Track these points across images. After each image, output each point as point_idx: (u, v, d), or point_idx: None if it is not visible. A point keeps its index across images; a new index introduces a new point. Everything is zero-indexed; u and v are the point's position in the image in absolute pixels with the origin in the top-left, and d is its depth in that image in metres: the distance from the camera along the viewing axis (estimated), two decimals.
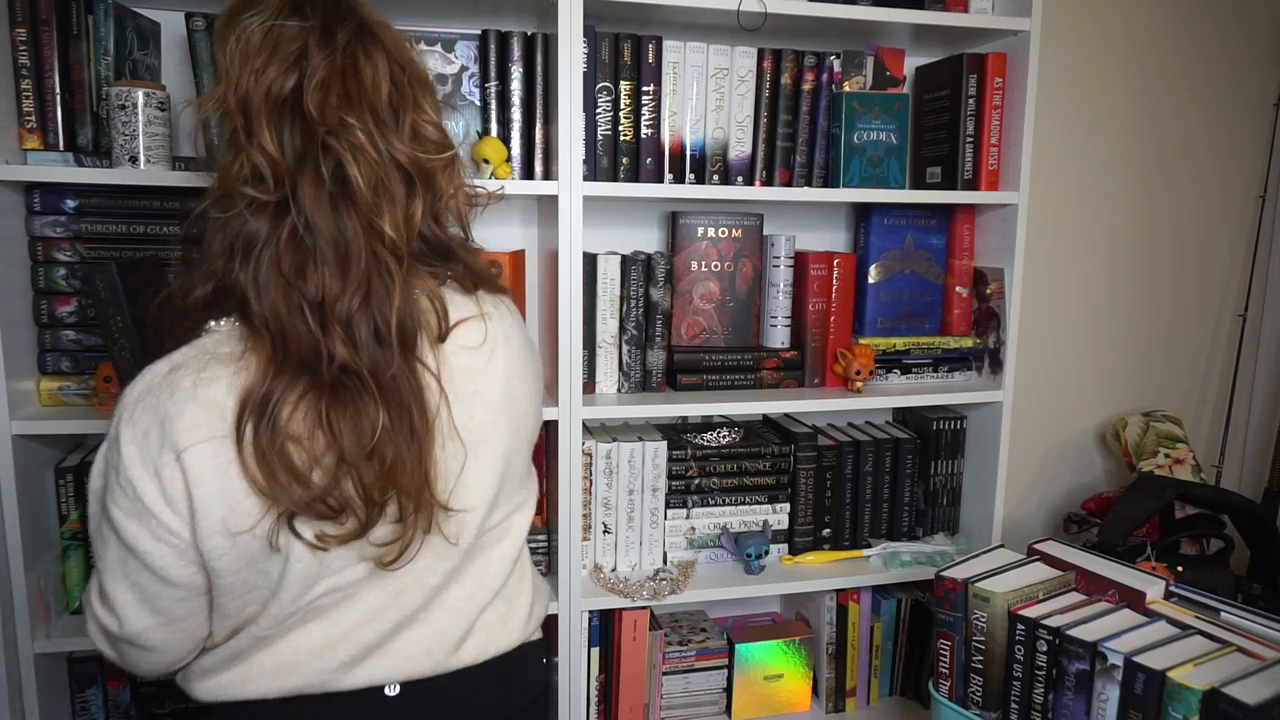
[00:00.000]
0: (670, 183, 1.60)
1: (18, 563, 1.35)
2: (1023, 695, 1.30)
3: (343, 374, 0.77)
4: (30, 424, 1.36)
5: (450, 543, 0.86)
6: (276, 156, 0.78)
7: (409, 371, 0.81)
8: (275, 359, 0.77)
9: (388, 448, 0.78)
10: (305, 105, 0.78)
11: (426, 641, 0.88)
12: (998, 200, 1.68)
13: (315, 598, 0.83)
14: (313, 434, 0.77)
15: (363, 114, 0.80)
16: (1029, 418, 2.07)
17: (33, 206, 1.40)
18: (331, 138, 0.78)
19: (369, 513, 0.79)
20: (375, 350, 0.78)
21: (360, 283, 0.78)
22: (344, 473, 0.78)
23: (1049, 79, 1.95)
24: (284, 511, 0.77)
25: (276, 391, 0.76)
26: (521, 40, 1.51)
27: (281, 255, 0.77)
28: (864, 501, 1.78)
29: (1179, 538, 1.79)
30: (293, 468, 0.76)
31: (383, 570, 0.83)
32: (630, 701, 1.68)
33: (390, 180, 0.81)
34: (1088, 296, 2.13)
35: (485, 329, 0.88)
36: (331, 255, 0.77)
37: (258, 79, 0.78)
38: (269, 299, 0.77)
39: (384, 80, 0.82)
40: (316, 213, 0.77)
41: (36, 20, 1.34)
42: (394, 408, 0.79)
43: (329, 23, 0.80)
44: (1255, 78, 2.16)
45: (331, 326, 0.77)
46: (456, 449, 0.85)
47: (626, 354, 1.61)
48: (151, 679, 0.93)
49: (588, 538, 1.63)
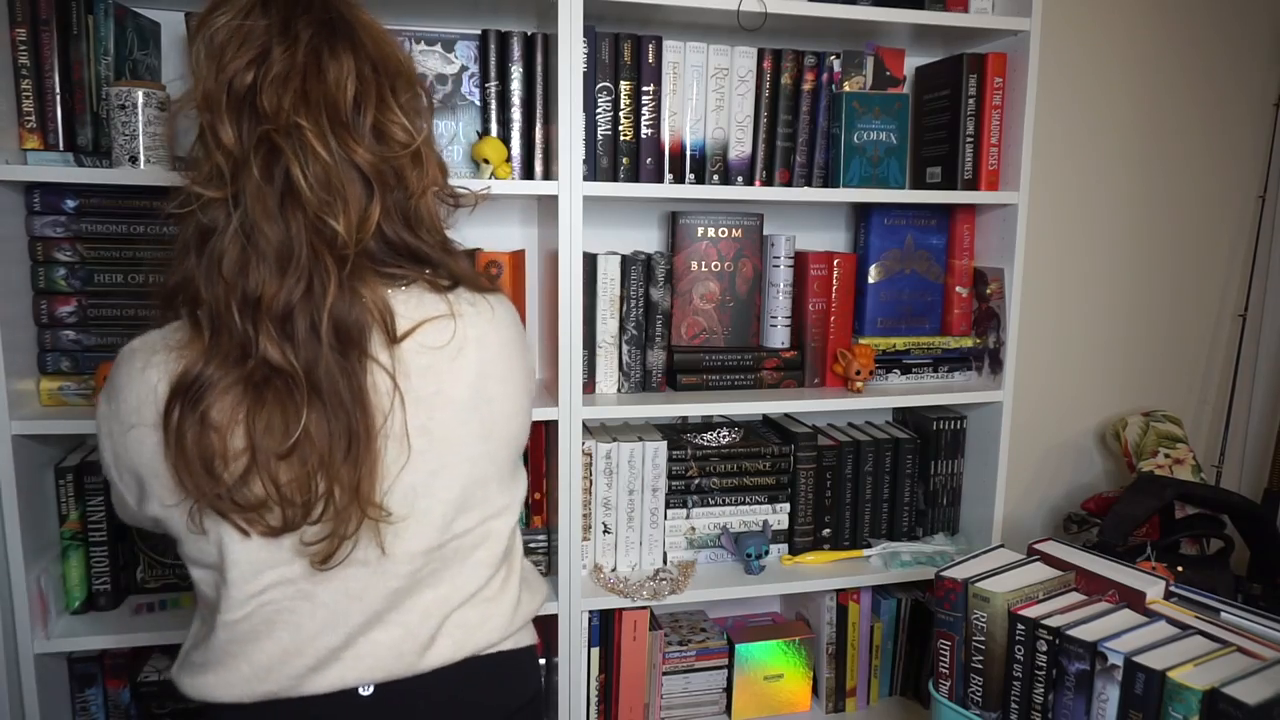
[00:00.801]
0: (670, 183, 1.60)
1: (18, 563, 1.35)
2: (1023, 695, 1.30)
3: (272, 371, 0.78)
4: (30, 424, 1.36)
5: (405, 547, 0.85)
6: (234, 151, 0.79)
7: (351, 371, 0.80)
8: (208, 350, 0.79)
9: (309, 448, 0.78)
10: (259, 102, 0.78)
11: (396, 644, 0.88)
12: (998, 200, 1.68)
13: (267, 587, 0.84)
14: (233, 428, 0.78)
15: (318, 115, 0.80)
16: (1029, 418, 2.07)
17: (33, 206, 1.40)
18: (280, 137, 0.78)
19: (286, 513, 0.80)
20: (312, 347, 0.78)
21: (298, 280, 0.78)
22: (254, 472, 0.78)
23: (1049, 79, 1.95)
24: (198, 500, 0.80)
25: (204, 379, 0.78)
26: (521, 40, 1.51)
27: (226, 251, 0.78)
28: (864, 501, 1.78)
29: (1179, 538, 1.79)
30: (208, 462, 0.78)
31: (319, 568, 0.83)
32: (630, 701, 1.68)
33: (344, 182, 0.80)
34: (1088, 296, 2.13)
35: (454, 328, 0.86)
36: (271, 253, 0.78)
37: (219, 75, 0.79)
38: (213, 292, 0.78)
39: (349, 80, 0.82)
40: (259, 211, 0.78)
41: (36, 20, 1.34)
42: (329, 408, 0.79)
43: (291, 20, 0.81)
44: (1255, 78, 2.16)
45: (263, 324, 0.77)
46: (404, 450, 0.84)
47: (626, 354, 1.61)
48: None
49: (588, 538, 1.63)
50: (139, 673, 1.56)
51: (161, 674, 1.56)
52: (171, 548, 1.54)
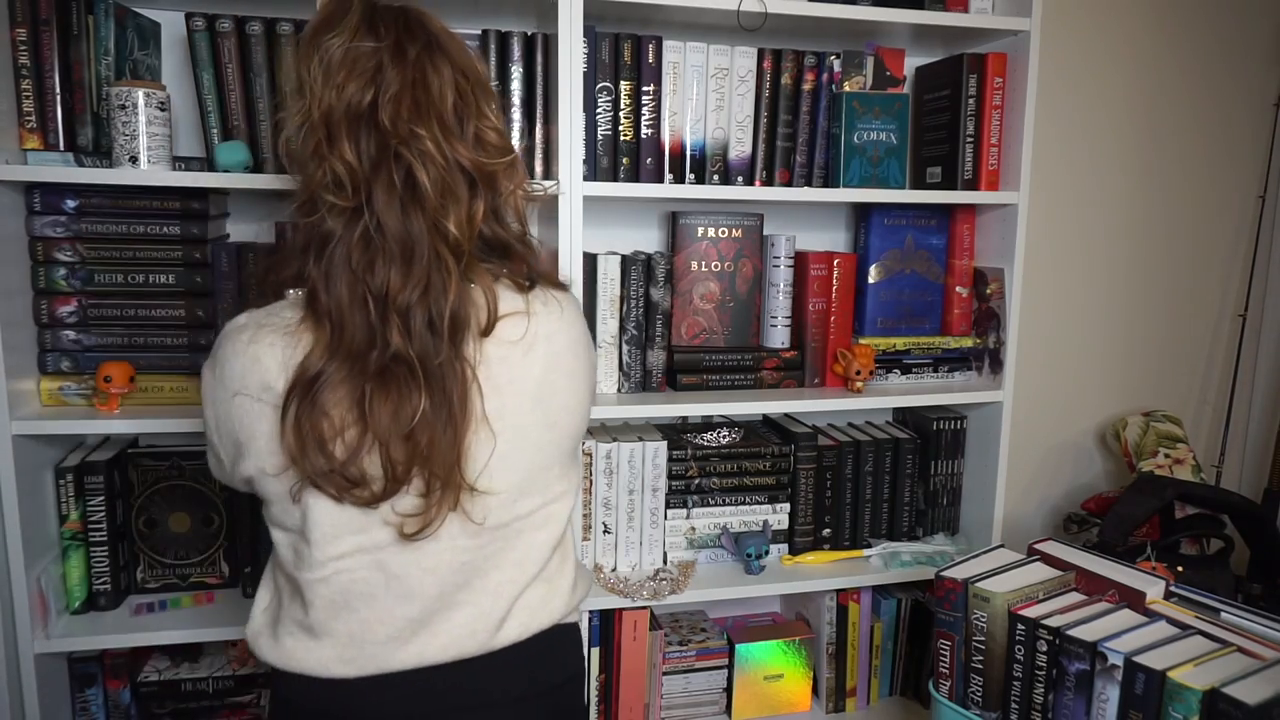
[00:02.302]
0: (670, 183, 1.60)
1: (18, 563, 1.35)
2: (1023, 695, 1.30)
3: (393, 362, 0.85)
4: (30, 424, 1.36)
5: (475, 522, 0.92)
6: (355, 165, 0.86)
7: (454, 360, 0.87)
8: (331, 345, 0.85)
9: (424, 432, 0.85)
10: (379, 118, 0.86)
11: (471, 623, 0.94)
12: (998, 200, 1.68)
13: (345, 554, 0.90)
14: (346, 414, 0.85)
15: (430, 124, 0.87)
16: (1029, 418, 2.07)
17: (33, 206, 1.39)
18: (403, 147, 0.86)
19: (387, 486, 0.86)
20: (428, 340, 0.86)
21: (421, 278, 0.86)
22: (368, 448, 0.85)
23: (1049, 79, 1.95)
24: (306, 475, 0.86)
25: (326, 374, 0.84)
26: (521, 40, 1.52)
27: (353, 252, 0.86)
28: (864, 501, 1.78)
29: (1179, 538, 1.79)
30: (321, 441, 0.84)
31: (406, 541, 0.89)
32: (630, 701, 1.68)
33: (455, 183, 0.88)
34: (1088, 296, 2.13)
35: (527, 324, 0.93)
36: (398, 253, 0.86)
37: (339, 94, 0.86)
38: (335, 291, 0.85)
39: (449, 90, 0.90)
40: (388, 214, 0.85)
41: (36, 20, 1.34)
42: (436, 394, 0.86)
43: (401, 41, 0.89)
44: (1255, 78, 2.16)
45: (390, 317, 0.85)
46: (486, 435, 0.91)
47: (626, 354, 1.61)
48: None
49: (588, 538, 1.63)
50: (139, 673, 1.56)
51: (162, 674, 1.56)
52: (171, 548, 1.55)
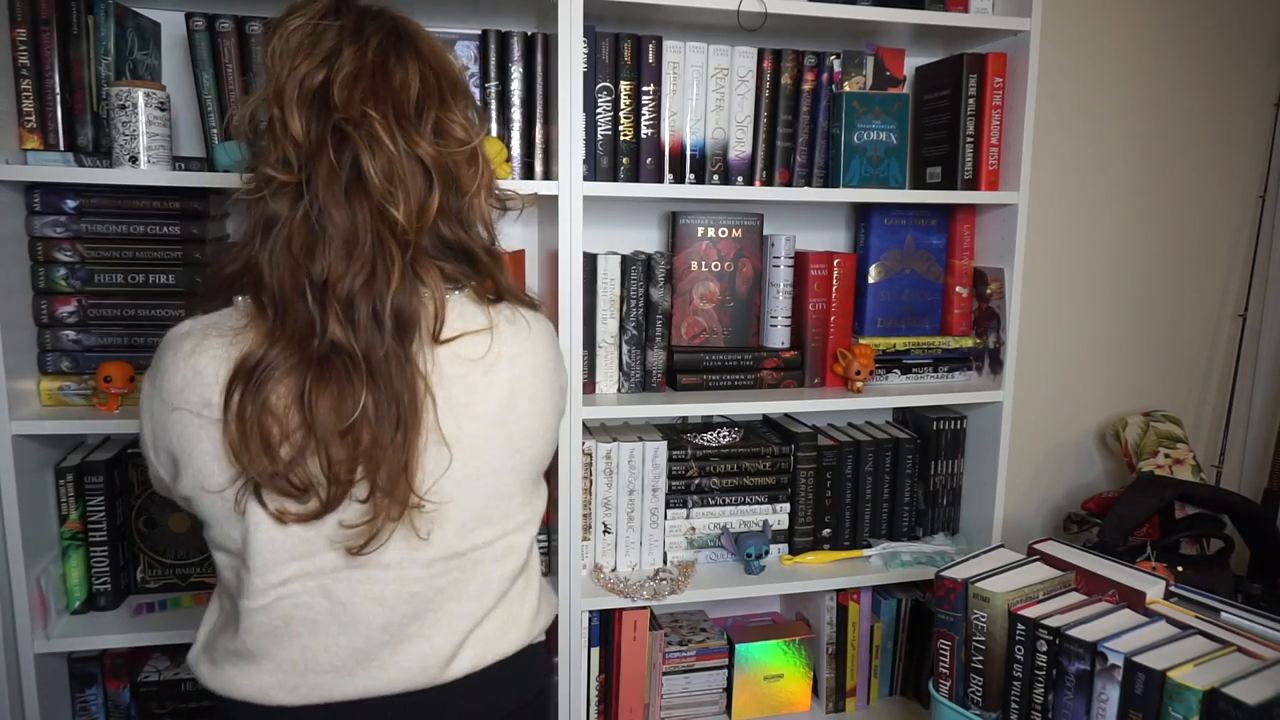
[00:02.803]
0: (670, 183, 1.60)
1: (18, 563, 1.35)
2: (1023, 695, 1.30)
3: (334, 351, 0.81)
4: (30, 424, 1.36)
5: (420, 537, 0.87)
6: (301, 141, 0.82)
7: (403, 359, 0.83)
8: (273, 333, 0.81)
9: (365, 429, 0.81)
10: (331, 96, 0.83)
11: (422, 658, 0.89)
12: (998, 200, 1.68)
13: (288, 579, 0.85)
14: (289, 409, 0.81)
15: (385, 108, 0.84)
16: (1029, 418, 2.07)
17: (33, 206, 1.39)
18: (350, 126, 0.82)
19: (331, 492, 0.82)
20: (372, 332, 0.81)
21: (363, 265, 0.81)
22: (311, 450, 0.81)
23: (1049, 79, 1.95)
24: (250, 480, 0.82)
25: (267, 361, 0.80)
26: (521, 40, 1.52)
27: (294, 235, 0.82)
28: (864, 501, 1.78)
29: (1179, 538, 1.79)
30: (267, 440, 0.80)
31: (354, 558, 0.85)
32: (630, 701, 1.68)
33: (407, 173, 0.84)
34: (1088, 296, 2.13)
35: (490, 342, 0.89)
36: (339, 238, 0.81)
37: (293, 72, 0.83)
38: (278, 275, 0.81)
39: (413, 81, 0.87)
40: (328, 197, 0.82)
41: (36, 20, 1.34)
42: (381, 390, 0.82)
43: (362, 24, 0.86)
44: (1255, 78, 2.16)
45: (330, 305, 0.81)
46: (440, 451, 0.86)
47: (626, 354, 1.61)
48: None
49: (588, 538, 1.63)
50: (139, 673, 1.56)
51: (162, 674, 1.56)
52: (171, 547, 1.55)
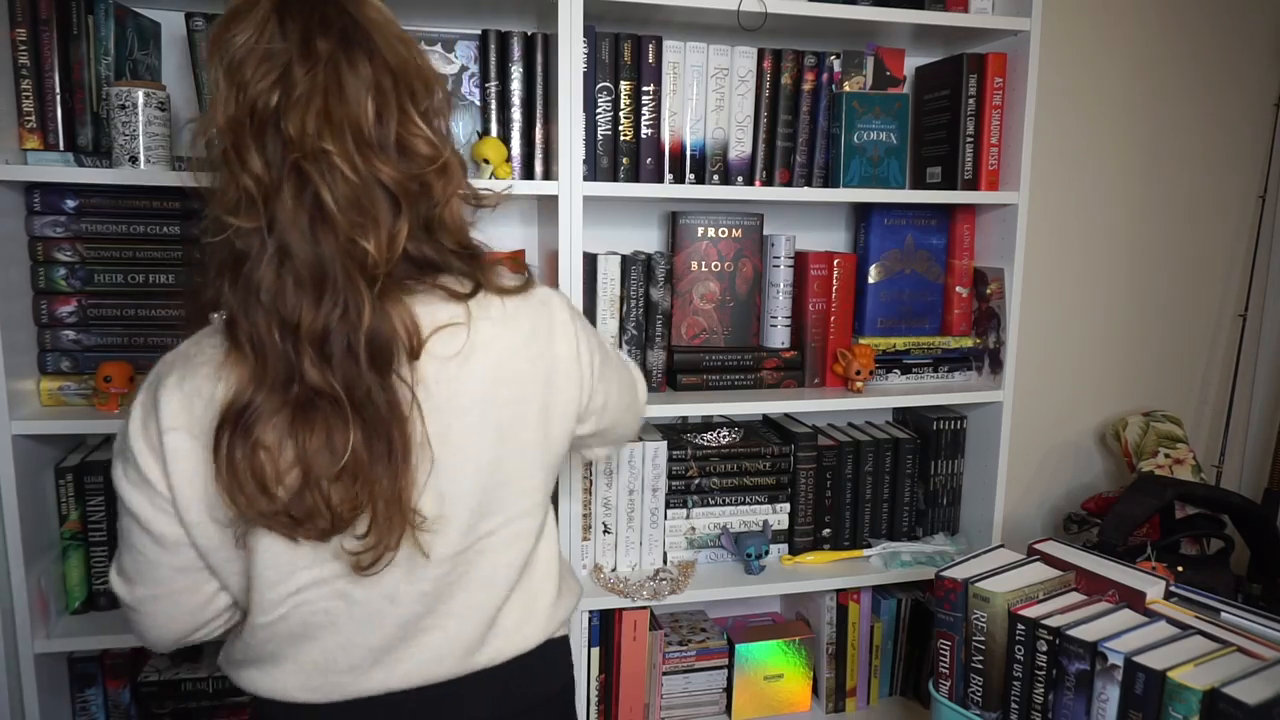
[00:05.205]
0: (670, 183, 1.60)
1: (18, 563, 1.35)
2: (1023, 695, 1.30)
3: (315, 395, 0.79)
4: (30, 424, 1.36)
5: (425, 555, 0.86)
6: (263, 178, 0.78)
7: (387, 388, 0.81)
8: (256, 375, 0.79)
9: (360, 468, 0.79)
10: (285, 128, 0.77)
11: (437, 647, 0.90)
12: (998, 200, 1.68)
13: (302, 587, 0.85)
14: (282, 450, 0.79)
15: (343, 137, 0.79)
16: (1029, 418, 2.07)
17: (33, 206, 1.40)
18: (307, 162, 0.77)
19: (334, 524, 0.81)
20: (349, 367, 0.79)
21: (334, 304, 0.78)
22: (309, 488, 0.79)
23: (1049, 79, 1.95)
24: (250, 518, 0.80)
25: (254, 405, 0.78)
26: (521, 40, 1.52)
27: (262, 278, 0.78)
28: (864, 501, 1.78)
29: (1179, 538, 1.79)
30: (262, 481, 0.78)
31: (360, 574, 0.84)
32: (630, 701, 1.68)
33: (372, 202, 0.80)
34: (1088, 296, 2.13)
35: (466, 335, 0.86)
36: (308, 277, 0.78)
37: (242, 98, 0.78)
38: (251, 318, 0.78)
39: (368, 95, 0.80)
40: (293, 236, 0.77)
41: (36, 20, 1.34)
42: (369, 426, 0.80)
43: (309, 35, 0.79)
44: (1255, 78, 2.16)
45: (303, 349, 0.78)
46: (427, 458, 0.85)
47: (626, 354, 1.61)
48: (161, 652, 0.98)
49: (588, 538, 1.63)
50: (139, 673, 1.55)
51: (162, 674, 1.56)
52: None
